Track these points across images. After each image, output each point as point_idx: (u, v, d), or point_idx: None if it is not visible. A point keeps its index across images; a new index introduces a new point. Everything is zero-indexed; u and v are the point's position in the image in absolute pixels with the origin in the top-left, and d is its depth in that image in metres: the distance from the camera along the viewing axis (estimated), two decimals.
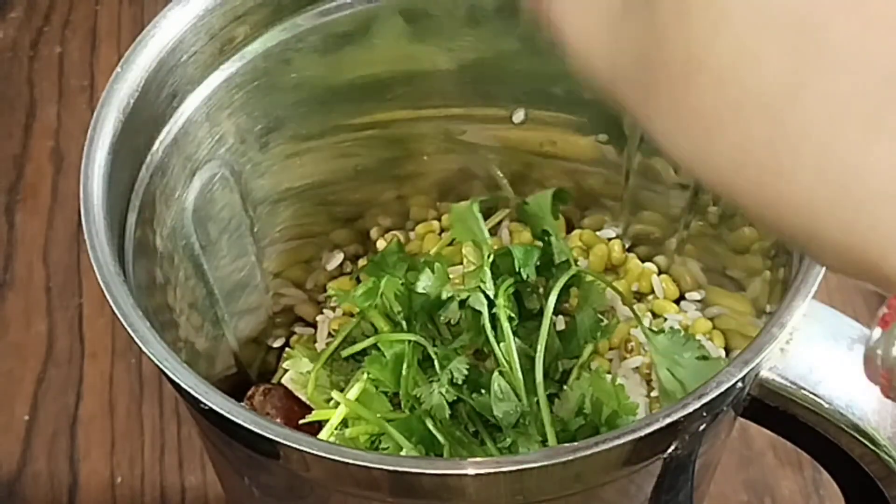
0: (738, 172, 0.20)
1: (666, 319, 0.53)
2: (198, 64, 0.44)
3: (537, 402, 0.45)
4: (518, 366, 0.46)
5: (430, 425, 0.45)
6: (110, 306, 0.35)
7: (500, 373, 0.45)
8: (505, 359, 0.46)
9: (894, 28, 0.18)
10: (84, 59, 0.79)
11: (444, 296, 0.47)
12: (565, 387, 0.46)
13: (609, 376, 0.48)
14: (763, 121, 0.19)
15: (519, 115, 0.52)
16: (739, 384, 0.35)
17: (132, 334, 0.35)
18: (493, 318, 0.47)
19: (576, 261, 0.53)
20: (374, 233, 0.56)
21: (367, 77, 0.49)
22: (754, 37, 0.19)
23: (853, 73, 0.18)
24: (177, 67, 0.43)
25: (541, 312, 0.47)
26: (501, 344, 0.46)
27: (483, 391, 0.46)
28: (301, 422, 0.46)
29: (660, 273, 0.55)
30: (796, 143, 0.19)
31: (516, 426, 0.45)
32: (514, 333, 0.46)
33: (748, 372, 0.35)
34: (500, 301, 0.46)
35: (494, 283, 0.47)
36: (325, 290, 0.56)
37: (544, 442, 0.44)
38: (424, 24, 0.48)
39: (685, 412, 0.33)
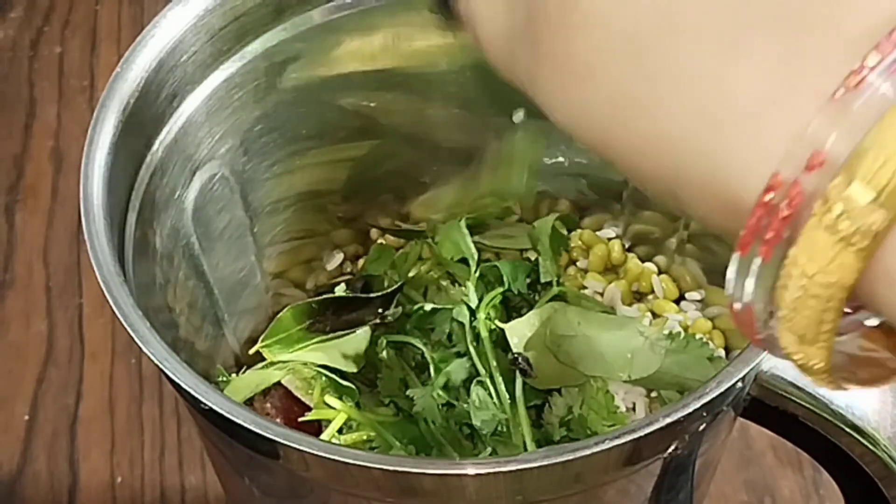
0: (612, 119, 0.20)
1: (667, 319, 0.53)
2: (198, 64, 0.44)
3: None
4: (499, 377, 0.46)
5: (421, 428, 0.45)
6: (110, 306, 0.35)
7: (480, 382, 0.46)
8: (484, 369, 0.46)
9: None
10: (84, 59, 0.79)
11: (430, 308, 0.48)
12: (555, 393, 0.46)
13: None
14: (630, 56, 0.19)
15: (519, 115, 0.52)
16: (739, 384, 0.35)
17: (132, 334, 0.35)
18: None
19: (575, 262, 0.54)
20: (374, 233, 0.57)
21: (368, 77, 0.49)
22: None
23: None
24: (177, 67, 0.43)
25: None
26: (482, 355, 0.47)
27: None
28: (300, 420, 0.46)
29: (660, 273, 0.55)
30: (661, 73, 0.19)
31: (498, 435, 0.45)
32: (496, 344, 0.47)
33: (748, 372, 0.35)
34: (481, 315, 0.47)
35: (484, 294, 0.48)
36: (325, 290, 0.56)
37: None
38: (424, 23, 0.48)
39: (685, 412, 0.33)
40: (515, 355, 0.46)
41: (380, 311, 0.49)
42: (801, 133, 0.17)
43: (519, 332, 0.47)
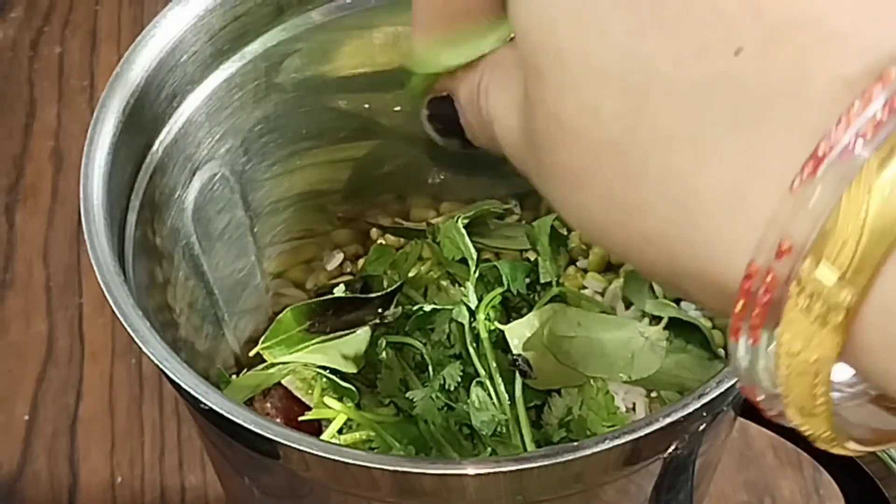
0: (607, 219, 0.21)
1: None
2: (198, 64, 0.44)
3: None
4: (499, 378, 0.46)
5: (421, 428, 0.45)
6: (110, 306, 0.35)
7: (479, 383, 0.46)
8: (484, 370, 0.46)
9: (706, 52, 0.19)
10: (84, 59, 0.79)
11: (429, 308, 0.48)
12: (555, 394, 0.46)
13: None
14: (613, 162, 0.20)
15: None
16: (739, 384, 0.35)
17: (132, 334, 0.35)
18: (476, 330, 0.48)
19: (575, 261, 0.54)
20: (374, 233, 0.57)
21: (368, 77, 0.49)
22: (592, 86, 0.20)
23: (675, 100, 0.19)
24: (177, 67, 0.43)
25: None
26: (482, 356, 0.47)
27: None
28: (301, 419, 0.46)
29: None
30: (641, 176, 0.20)
31: (498, 436, 0.45)
32: (496, 345, 0.47)
33: None
34: (481, 316, 0.47)
35: (484, 294, 0.48)
36: (325, 291, 0.56)
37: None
38: None
39: (685, 412, 0.33)
40: (515, 356, 0.46)
41: (380, 311, 0.49)
42: (769, 221, 0.18)
43: (518, 333, 0.47)
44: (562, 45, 0.21)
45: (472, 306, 0.48)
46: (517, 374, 0.46)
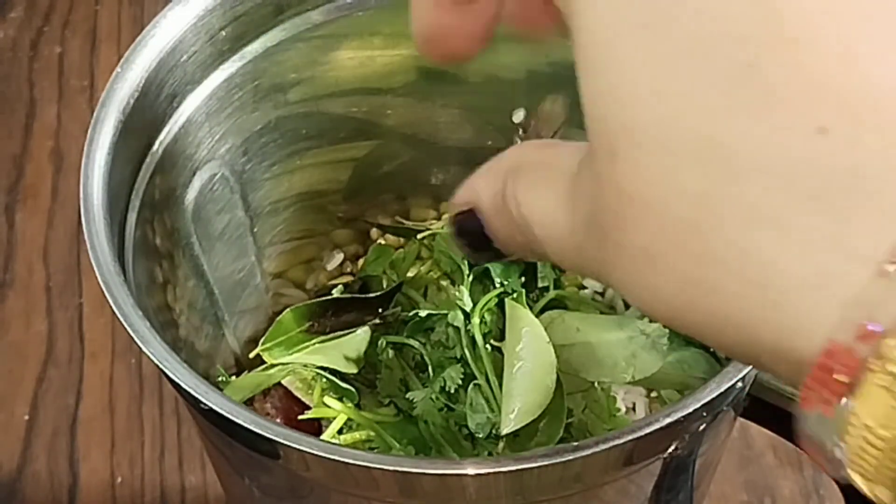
0: (676, 298, 0.21)
1: None
2: (198, 64, 0.44)
3: None
4: (495, 380, 0.46)
5: (421, 429, 0.45)
6: (110, 306, 0.35)
7: (477, 385, 0.46)
8: (480, 372, 0.46)
9: (789, 132, 0.19)
10: (84, 59, 0.79)
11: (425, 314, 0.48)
12: None
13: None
14: (688, 240, 0.20)
15: (519, 115, 0.52)
16: (739, 384, 0.35)
17: (132, 334, 0.35)
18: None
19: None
20: (374, 233, 0.57)
21: (367, 77, 0.49)
22: (669, 164, 0.20)
23: (758, 180, 0.19)
24: (177, 67, 0.43)
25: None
26: (478, 359, 0.47)
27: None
28: (300, 417, 0.46)
29: None
30: (717, 256, 0.20)
31: (493, 437, 0.45)
32: (496, 349, 0.47)
33: (748, 372, 0.35)
34: (475, 319, 0.47)
35: (481, 296, 0.48)
36: (324, 291, 0.56)
37: None
38: None
39: (685, 412, 0.33)
40: None
41: (379, 311, 0.49)
42: (854, 301, 0.18)
43: None
44: (638, 123, 0.20)
45: (468, 309, 0.48)
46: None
